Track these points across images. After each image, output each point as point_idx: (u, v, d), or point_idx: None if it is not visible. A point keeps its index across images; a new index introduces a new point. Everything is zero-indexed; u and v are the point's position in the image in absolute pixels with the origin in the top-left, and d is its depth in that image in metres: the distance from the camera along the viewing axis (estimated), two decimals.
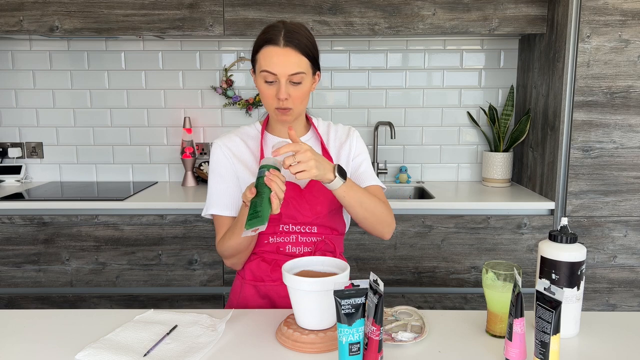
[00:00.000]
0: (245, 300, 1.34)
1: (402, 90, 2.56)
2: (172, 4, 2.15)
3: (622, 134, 2.05)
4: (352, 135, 1.39)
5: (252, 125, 1.38)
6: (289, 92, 1.21)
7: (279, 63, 1.20)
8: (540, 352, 0.88)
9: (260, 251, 1.32)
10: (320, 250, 1.31)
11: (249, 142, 1.35)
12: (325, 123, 1.42)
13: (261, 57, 1.22)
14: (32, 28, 2.17)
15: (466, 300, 2.17)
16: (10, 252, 2.13)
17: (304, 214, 1.29)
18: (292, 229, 1.30)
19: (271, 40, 1.21)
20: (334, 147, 1.37)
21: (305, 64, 1.23)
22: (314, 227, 1.30)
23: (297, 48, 1.21)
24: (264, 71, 1.21)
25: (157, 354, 0.97)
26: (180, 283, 2.16)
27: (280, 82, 1.21)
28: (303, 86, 1.23)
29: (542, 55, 2.23)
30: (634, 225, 2.10)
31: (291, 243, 1.30)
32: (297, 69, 1.21)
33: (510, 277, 1.04)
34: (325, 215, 1.31)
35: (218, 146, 1.33)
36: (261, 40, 1.23)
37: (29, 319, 1.14)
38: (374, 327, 0.88)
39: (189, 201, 2.12)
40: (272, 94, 1.23)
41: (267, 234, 1.30)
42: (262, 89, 1.24)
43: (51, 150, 2.60)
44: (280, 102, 1.22)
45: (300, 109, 1.27)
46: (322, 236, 1.31)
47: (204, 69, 2.54)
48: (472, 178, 2.63)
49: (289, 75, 1.20)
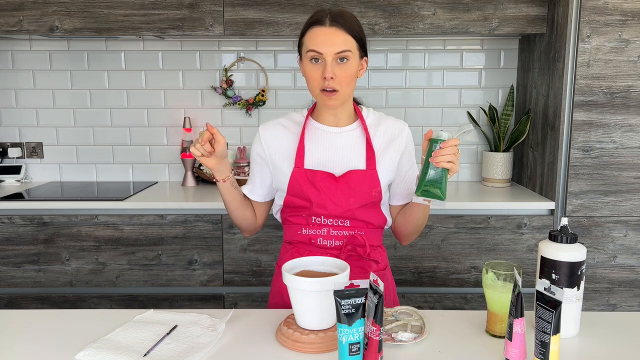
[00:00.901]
0: (279, 290, 1.35)
1: (402, 90, 2.56)
2: (172, 4, 2.15)
3: (622, 134, 2.05)
4: (404, 134, 1.37)
5: (300, 112, 1.39)
6: (334, 72, 1.20)
7: (325, 42, 1.19)
8: (540, 352, 0.88)
9: (295, 241, 1.34)
10: (351, 244, 1.30)
11: (293, 127, 1.35)
12: (376, 115, 1.39)
13: (307, 39, 1.22)
14: (32, 28, 2.17)
15: (466, 300, 2.17)
16: (10, 252, 2.13)
17: (337, 204, 1.28)
18: (324, 222, 1.30)
19: (317, 21, 1.21)
20: (382, 142, 1.34)
21: (351, 43, 1.22)
22: (346, 221, 1.30)
23: (344, 27, 1.21)
24: (310, 51, 1.21)
25: (157, 354, 0.97)
26: (180, 283, 2.16)
27: (326, 61, 1.20)
28: (350, 66, 1.22)
29: (542, 55, 2.23)
30: (634, 225, 2.10)
31: (322, 236, 1.30)
32: (342, 47, 1.20)
33: (510, 277, 1.04)
34: (358, 209, 1.29)
35: (257, 135, 1.37)
36: (307, 24, 1.24)
37: (29, 319, 1.14)
38: (374, 327, 0.88)
39: (189, 201, 2.12)
40: (318, 75, 1.22)
41: (301, 225, 1.32)
42: (307, 70, 1.23)
43: (51, 150, 2.60)
44: (326, 82, 1.21)
45: (346, 92, 1.25)
46: (354, 230, 1.31)
47: (204, 69, 2.54)
48: (472, 178, 2.63)
49: (335, 53, 1.20)
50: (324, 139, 1.33)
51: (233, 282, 2.15)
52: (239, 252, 2.12)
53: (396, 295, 1.45)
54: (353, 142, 1.33)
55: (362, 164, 1.31)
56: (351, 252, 1.31)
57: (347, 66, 1.22)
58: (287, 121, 1.37)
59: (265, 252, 2.12)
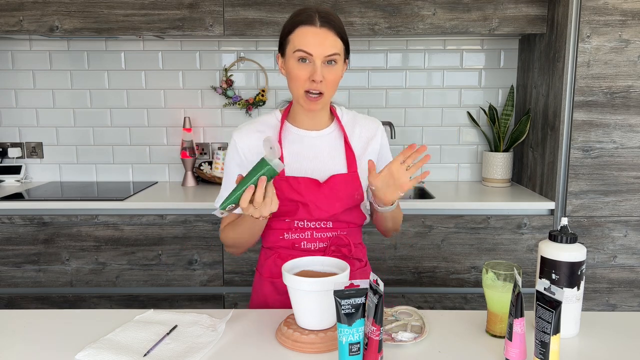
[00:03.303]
0: (264, 297, 1.33)
1: (402, 90, 2.56)
2: (172, 4, 2.15)
3: (622, 134, 2.05)
4: (379, 132, 1.36)
5: (272, 114, 1.34)
6: (323, 75, 1.19)
7: (316, 43, 1.17)
8: (540, 352, 0.88)
9: (276, 247, 1.32)
10: (335, 245, 1.30)
11: (268, 131, 1.31)
12: (349, 114, 1.37)
13: (295, 38, 1.19)
14: (32, 28, 2.17)
15: (466, 300, 2.17)
16: (10, 252, 2.13)
17: (322, 209, 1.27)
18: (307, 225, 1.29)
19: (307, 20, 1.19)
20: (360, 142, 1.34)
21: (340, 46, 1.21)
22: (329, 223, 1.29)
23: (334, 29, 1.19)
24: (299, 50, 1.18)
25: (157, 354, 0.97)
26: (180, 283, 2.16)
27: (315, 63, 1.18)
28: (337, 69, 1.21)
29: (542, 55, 2.23)
30: (634, 225, 2.10)
31: (306, 239, 1.29)
32: (332, 50, 1.18)
33: (510, 277, 1.04)
34: (342, 212, 1.29)
35: (233, 142, 1.30)
36: (294, 22, 1.21)
37: (29, 319, 1.14)
38: (374, 327, 0.88)
39: (188, 201, 2.12)
40: (305, 75, 1.19)
41: (283, 230, 1.30)
42: (293, 69, 1.20)
43: (51, 150, 2.60)
44: (314, 85, 1.19)
45: (330, 95, 1.24)
46: (337, 231, 1.30)
47: (204, 69, 2.54)
48: (472, 178, 2.63)
49: (325, 56, 1.18)
50: (303, 144, 1.30)
51: (233, 282, 2.15)
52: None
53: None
54: (332, 145, 1.31)
55: (343, 167, 1.30)
56: (335, 252, 1.30)
57: (335, 69, 1.21)
58: (261, 126, 1.32)
59: None
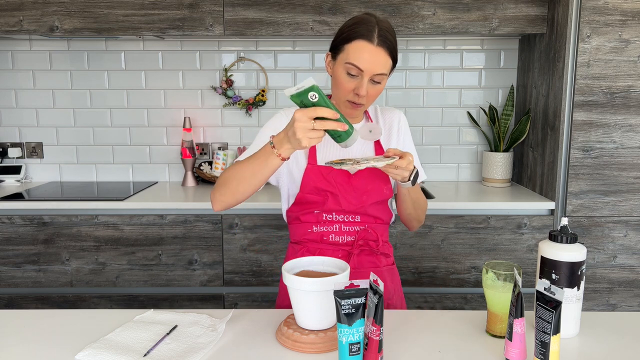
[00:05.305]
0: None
1: (402, 90, 2.56)
2: (172, 4, 2.15)
3: (622, 134, 2.05)
4: (402, 122, 1.40)
5: None
6: (367, 90, 1.22)
7: (370, 60, 1.19)
8: (540, 352, 0.88)
9: (305, 240, 1.33)
10: (363, 239, 1.32)
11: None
12: (372, 109, 1.41)
13: (351, 49, 1.21)
14: (32, 28, 2.17)
15: (466, 300, 2.17)
16: (10, 252, 2.13)
17: (350, 202, 1.29)
18: (336, 218, 1.31)
19: (366, 35, 1.20)
20: (384, 137, 1.38)
21: (389, 65, 1.23)
22: (357, 216, 1.31)
23: (388, 49, 1.21)
24: (350, 64, 1.20)
25: (157, 354, 0.97)
26: (180, 283, 2.16)
27: (363, 79, 1.21)
28: (380, 86, 1.25)
29: (542, 55, 2.23)
30: (634, 225, 2.10)
31: (334, 232, 1.31)
32: (382, 70, 1.21)
33: (510, 277, 1.03)
34: (370, 205, 1.31)
35: (280, 116, 1.33)
36: (354, 32, 1.22)
37: (29, 319, 1.14)
38: (374, 327, 0.88)
39: (189, 201, 2.11)
40: (351, 87, 1.23)
41: (311, 223, 1.32)
42: (341, 80, 1.24)
43: (51, 150, 2.60)
44: (358, 98, 1.23)
45: (369, 105, 1.29)
46: (365, 225, 1.32)
47: (204, 69, 2.54)
48: (472, 178, 2.63)
49: (374, 74, 1.21)
50: None
51: (233, 282, 2.15)
52: (239, 252, 2.12)
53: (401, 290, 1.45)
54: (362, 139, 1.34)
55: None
56: (363, 247, 1.32)
57: (379, 87, 1.24)
58: None
59: (266, 252, 2.12)
